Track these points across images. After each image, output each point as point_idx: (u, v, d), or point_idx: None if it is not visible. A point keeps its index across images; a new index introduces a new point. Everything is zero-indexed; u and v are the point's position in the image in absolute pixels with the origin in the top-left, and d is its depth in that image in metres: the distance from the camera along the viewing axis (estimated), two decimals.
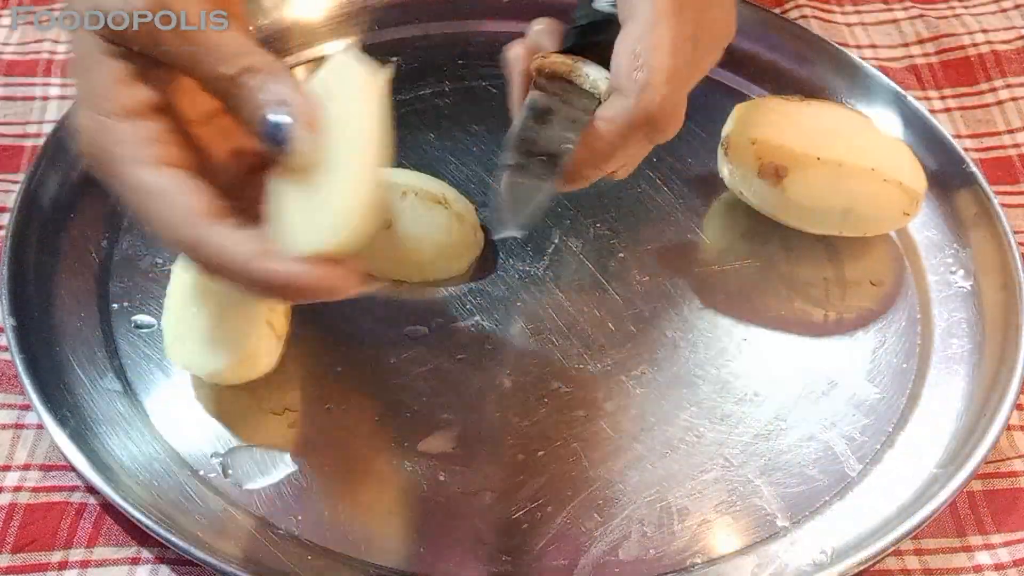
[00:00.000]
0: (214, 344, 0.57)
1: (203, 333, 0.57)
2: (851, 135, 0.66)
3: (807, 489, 0.59)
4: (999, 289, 0.66)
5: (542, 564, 0.56)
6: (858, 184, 0.65)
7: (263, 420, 0.59)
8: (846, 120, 0.68)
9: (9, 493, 0.57)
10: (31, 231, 0.64)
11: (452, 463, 0.59)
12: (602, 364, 0.63)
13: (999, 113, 0.78)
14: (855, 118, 0.69)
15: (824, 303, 0.67)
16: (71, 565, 0.55)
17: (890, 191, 0.65)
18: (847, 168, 0.64)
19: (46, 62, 0.77)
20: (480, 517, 0.57)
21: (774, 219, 0.68)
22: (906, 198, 0.66)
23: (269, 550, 0.55)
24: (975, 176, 0.70)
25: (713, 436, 0.60)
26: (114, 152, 0.49)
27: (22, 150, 0.72)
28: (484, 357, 0.63)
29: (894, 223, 0.68)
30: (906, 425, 0.62)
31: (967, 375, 0.64)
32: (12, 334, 0.60)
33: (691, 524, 0.57)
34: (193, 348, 0.58)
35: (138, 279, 0.65)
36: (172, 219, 0.49)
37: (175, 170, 0.49)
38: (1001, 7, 0.85)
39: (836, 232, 0.67)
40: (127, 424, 0.59)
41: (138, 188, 0.49)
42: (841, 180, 0.65)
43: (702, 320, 0.65)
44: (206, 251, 0.48)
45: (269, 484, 0.58)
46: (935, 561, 0.58)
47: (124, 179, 0.49)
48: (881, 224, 0.68)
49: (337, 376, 0.61)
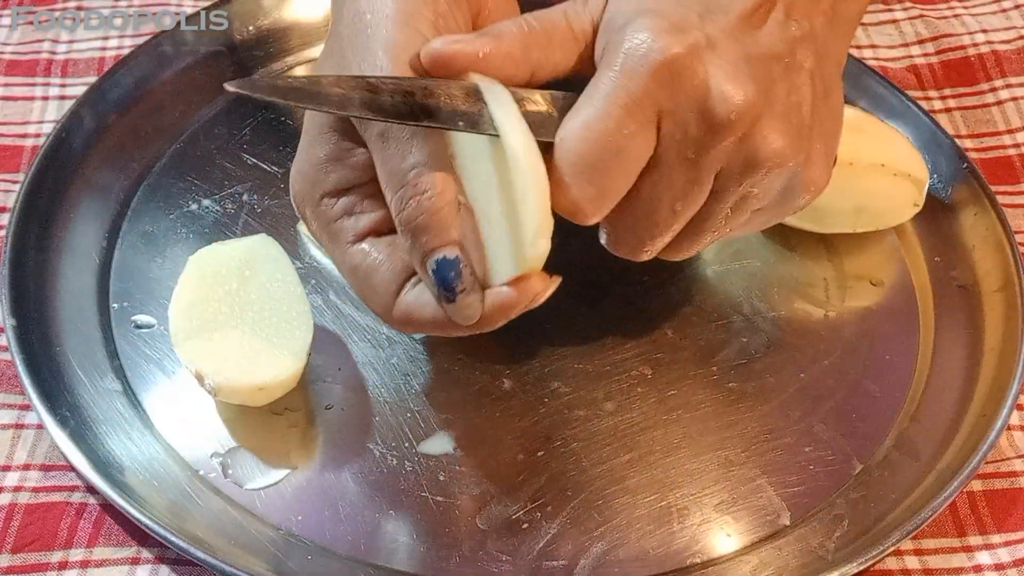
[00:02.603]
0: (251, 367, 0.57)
1: (238, 353, 0.57)
2: (855, 131, 0.66)
3: (807, 489, 0.59)
4: (999, 289, 0.66)
5: (542, 564, 0.56)
6: (870, 182, 0.65)
7: (263, 420, 0.59)
8: (849, 116, 0.67)
9: (9, 493, 0.57)
10: (31, 231, 0.64)
11: (452, 463, 0.59)
12: (602, 364, 0.63)
13: (999, 113, 0.78)
14: (855, 113, 0.68)
15: (824, 303, 0.67)
16: (71, 565, 0.55)
17: (900, 185, 0.65)
18: (858, 167, 0.64)
19: (46, 62, 0.77)
20: (480, 517, 0.57)
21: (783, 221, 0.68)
22: (915, 189, 0.66)
23: (269, 550, 0.55)
24: (975, 176, 0.70)
25: (713, 436, 0.60)
26: (323, 230, 0.55)
27: (22, 150, 0.72)
28: (484, 357, 0.63)
29: (904, 215, 0.68)
30: (906, 425, 0.62)
31: (967, 375, 0.64)
32: (12, 334, 0.60)
33: (691, 524, 0.57)
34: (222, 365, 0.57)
35: (138, 279, 0.65)
36: (372, 298, 0.55)
37: (370, 241, 0.54)
38: (1001, 7, 0.85)
39: (849, 230, 0.67)
40: (127, 424, 0.59)
41: (341, 266, 0.55)
42: (854, 180, 0.64)
43: (702, 320, 0.65)
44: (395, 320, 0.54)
45: (269, 484, 0.58)
46: (935, 561, 0.58)
47: (333, 256, 0.56)
48: (893, 218, 0.67)
49: (337, 376, 0.61)
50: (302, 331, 0.58)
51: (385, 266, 0.54)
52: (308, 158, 0.55)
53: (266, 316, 0.58)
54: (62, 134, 0.68)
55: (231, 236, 0.66)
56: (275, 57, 0.76)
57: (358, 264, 0.54)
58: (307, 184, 0.55)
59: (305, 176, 0.55)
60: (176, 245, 0.66)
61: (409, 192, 0.50)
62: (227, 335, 0.58)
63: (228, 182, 0.69)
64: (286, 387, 0.59)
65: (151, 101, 0.72)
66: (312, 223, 0.56)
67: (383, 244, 0.54)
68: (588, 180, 0.51)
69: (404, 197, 0.51)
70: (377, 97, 0.49)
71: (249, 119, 0.72)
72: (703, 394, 0.62)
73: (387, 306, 0.54)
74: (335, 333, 0.63)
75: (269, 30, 0.77)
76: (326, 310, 0.64)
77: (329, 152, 0.54)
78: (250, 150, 0.71)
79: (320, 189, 0.55)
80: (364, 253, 0.54)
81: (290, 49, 0.77)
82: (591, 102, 0.51)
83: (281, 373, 0.57)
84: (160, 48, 0.73)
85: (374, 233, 0.54)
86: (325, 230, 0.55)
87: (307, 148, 0.55)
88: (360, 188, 0.54)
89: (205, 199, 0.69)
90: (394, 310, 0.54)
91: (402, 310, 0.54)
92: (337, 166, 0.54)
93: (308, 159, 0.55)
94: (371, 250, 0.54)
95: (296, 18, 0.77)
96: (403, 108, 0.49)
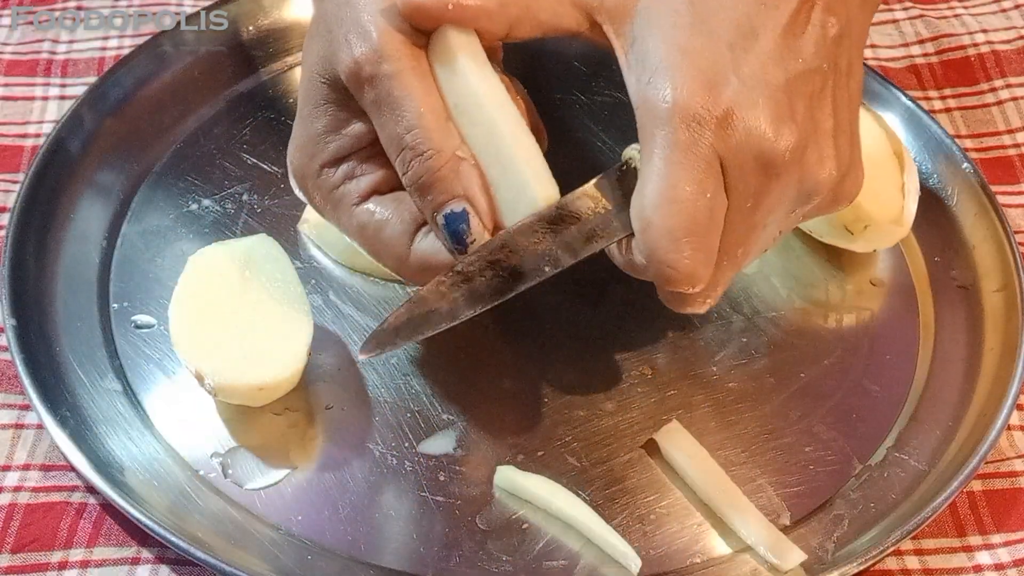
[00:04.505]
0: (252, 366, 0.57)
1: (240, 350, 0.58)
2: None
3: (807, 489, 0.59)
4: (999, 289, 0.66)
5: (542, 564, 0.56)
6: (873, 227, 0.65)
7: (263, 420, 0.59)
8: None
9: (9, 493, 0.57)
10: (31, 231, 0.64)
11: (452, 463, 0.59)
12: (602, 364, 0.63)
13: (999, 113, 0.78)
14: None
15: (824, 303, 0.67)
16: (71, 565, 0.55)
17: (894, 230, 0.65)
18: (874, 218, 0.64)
19: (46, 62, 0.77)
20: (480, 516, 0.57)
21: None
22: (905, 218, 0.66)
23: (269, 550, 0.55)
24: (975, 176, 0.70)
25: (713, 436, 0.60)
26: (326, 199, 0.56)
27: (22, 150, 0.72)
28: (484, 357, 0.63)
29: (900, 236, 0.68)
30: (906, 425, 0.62)
31: (967, 375, 0.64)
32: (12, 334, 0.60)
33: (691, 524, 0.57)
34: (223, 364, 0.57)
35: (138, 279, 0.65)
36: (385, 252, 0.55)
37: (375, 200, 0.55)
38: (1001, 7, 0.85)
39: (849, 247, 0.67)
40: (127, 424, 0.59)
41: (349, 228, 0.56)
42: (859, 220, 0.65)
43: (702, 320, 0.65)
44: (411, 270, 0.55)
45: (269, 484, 0.58)
46: (935, 561, 0.58)
47: (338, 221, 0.56)
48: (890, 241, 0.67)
49: (337, 376, 0.61)
50: (302, 331, 0.58)
51: (394, 220, 0.55)
52: (305, 132, 0.56)
53: (266, 316, 0.58)
54: (62, 134, 0.68)
55: (231, 236, 0.66)
56: (275, 57, 0.76)
57: (366, 222, 0.55)
58: (306, 157, 0.56)
59: (303, 150, 0.56)
60: (176, 245, 0.66)
61: (409, 155, 0.52)
62: (227, 335, 0.58)
63: (228, 182, 0.69)
64: (286, 387, 0.59)
65: (151, 101, 0.72)
66: (314, 195, 0.57)
67: (388, 200, 0.55)
68: (693, 247, 0.50)
69: (406, 159, 0.52)
70: (474, 286, 0.52)
71: (249, 119, 0.72)
72: (703, 394, 0.62)
73: (402, 256, 0.55)
74: (335, 333, 0.63)
75: (269, 30, 0.77)
76: (326, 310, 0.64)
77: (327, 124, 0.55)
78: (250, 150, 0.71)
79: (319, 160, 0.56)
80: (370, 212, 0.55)
81: (290, 49, 0.77)
82: (660, 173, 0.50)
83: (281, 373, 0.57)
84: (160, 48, 0.73)
85: (377, 192, 0.56)
86: (328, 198, 0.56)
87: (303, 123, 0.56)
88: (358, 153, 0.55)
89: (205, 199, 0.69)
90: (410, 258, 0.55)
91: (418, 257, 0.55)
92: (335, 136, 0.55)
93: (306, 133, 0.56)
94: (376, 208, 0.55)
95: (296, 18, 0.77)
96: (498, 283, 0.52)
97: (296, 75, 0.75)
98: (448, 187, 0.52)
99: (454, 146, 0.52)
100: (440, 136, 0.52)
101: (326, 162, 0.56)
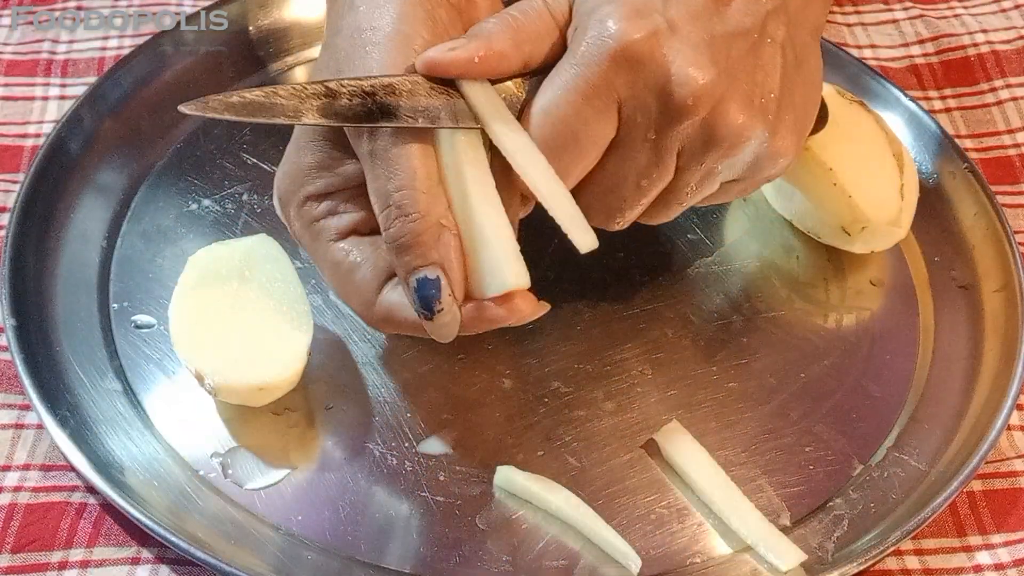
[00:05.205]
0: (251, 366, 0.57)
1: (239, 349, 0.57)
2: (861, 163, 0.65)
3: (807, 489, 0.59)
4: (999, 289, 0.66)
5: (542, 564, 0.56)
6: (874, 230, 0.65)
7: (263, 420, 0.59)
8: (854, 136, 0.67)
9: (9, 493, 0.57)
10: (31, 231, 0.64)
11: (452, 463, 0.59)
12: (602, 364, 0.63)
13: (999, 113, 0.78)
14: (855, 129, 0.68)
15: (824, 303, 0.67)
16: (71, 565, 0.55)
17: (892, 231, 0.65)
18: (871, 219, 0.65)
19: (46, 62, 0.77)
20: (480, 516, 0.57)
21: None
22: (903, 219, 0.66)
23: (269, 550, 0.55)
24: (975, 176, 0.70)
25: (713, 436, 0.60)
26: (304, 229, 0.56)
27: (22, 150, 0.72)
28: (484, 357, 0.63)
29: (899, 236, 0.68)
30: (906, 425, 0.62)
31: (967, 375, 0.64)
32: (12, 334, 0.60)
33: (691, 524, 0.57)
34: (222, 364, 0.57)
35: (138, 279, 0.65)
36: (353, 295, 0.55)
37: (352, 240, 0.55)
38: (1001, 7, 0.85)
39: (847, 249, 0.67)
40: (127, 424, 0.59)
41: (322, 262, 0.56)
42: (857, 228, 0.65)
43: (702, 320, 0.65)
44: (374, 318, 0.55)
45: (269, 484, 0.58)
46: (935, 561, 0.58)
47: (313, 253, 0.56)
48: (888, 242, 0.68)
49: (337, 376, 0.61)
50: (302, 331, 0.58)
51: (367, 264, 0.55)
52: (296, 162, 0.56)
53: (266, 316, 0.58)
54: (62, 134, 0.68)
55: (231, 236, 0.66)
56: (275, 57, 0.76)
57: (340, 261, 0.55)
58: (294, 186, 0.56)
59: (291, 178, 0.56)
60: (176, 245, 0.66)
61: (394, 213, 0.52)
62: (227, 335, 0.58)
63: (228, 182, 0.69)
64: (286, 387, 0.59)
65: (151, 101, 0.72)
66: (295, 223, 0.56)
67: (365, 243, 0.55)
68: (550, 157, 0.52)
69: (390, 216, 0.52)
70: (334, 102, 0.51)
71: None
72: (703, 394, 0.62)
73: (368, 303, 0.55)
74: (335, 333, 0.63)
75: (269, 30, 0.77)
76: (326, 310, 0.64)
77: (318, 160, 0.55)
78: (250, 150, 0.71)
79: (304, 192, 0.55)
80: (345, 252, 0.55)
81: (290, 49, 0.77)
82: (551, 89, 0.52)
83: (281, 373, 0.57)
84: (160, 48, 0.74)
85: (356, 233, 0.55)
86: (307, 229, 0.56)
87: (297, 152, 0.56)
88: (343, 192, 0.55)
89: (205, 199, 0.69)
90: (375, 307, 0.55)
91: (384, 307, 0.54)
92: (324, 173, 0.55)
93: (296, 163, 0.56)
94: (352, 249, 0.55)
95: (296, 18, 0.77)
96: (360, 110, 0.51)
97: (297, 75, 0.76)
98: (426, 253, 0.52)
99: (439, 214, 0.52)
100: (428, 200, 0.51)
101: (311, 195, 0.55)
